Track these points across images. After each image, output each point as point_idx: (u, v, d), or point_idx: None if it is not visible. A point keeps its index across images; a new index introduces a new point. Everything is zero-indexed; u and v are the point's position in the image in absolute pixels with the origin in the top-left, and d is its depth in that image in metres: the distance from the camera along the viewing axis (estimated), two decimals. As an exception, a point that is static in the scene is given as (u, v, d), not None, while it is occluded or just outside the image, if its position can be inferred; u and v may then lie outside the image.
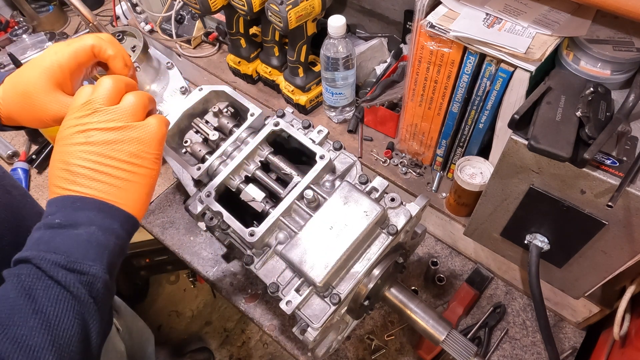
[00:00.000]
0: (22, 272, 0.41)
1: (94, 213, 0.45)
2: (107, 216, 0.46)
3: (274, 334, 0.88)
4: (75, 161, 0.45)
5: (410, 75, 0.80)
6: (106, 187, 0.46)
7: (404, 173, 0.96)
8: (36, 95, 0.50)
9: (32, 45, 1.40)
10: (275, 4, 0.86)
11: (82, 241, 0.43)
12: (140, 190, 0.48)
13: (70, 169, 0.45)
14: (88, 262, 0.43)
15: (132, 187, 0.48)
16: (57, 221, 0.43)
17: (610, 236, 0.60)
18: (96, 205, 0.45)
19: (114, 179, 0.47)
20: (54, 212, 0.44)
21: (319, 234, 0.60)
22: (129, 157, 0.47)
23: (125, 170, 0.47)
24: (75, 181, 0.45)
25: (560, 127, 0.55)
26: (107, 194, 0.46)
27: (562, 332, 0.86)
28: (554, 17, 0.67)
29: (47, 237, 0.43)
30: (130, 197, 0.48)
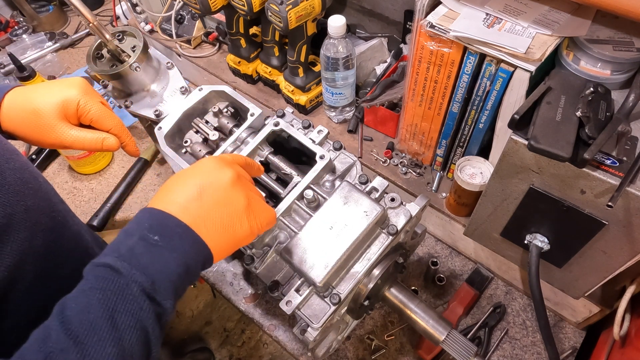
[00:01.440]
0: (108, 286, 0.41)
1: (190, 246, 0.46)
2: (197, 252, 0.46)
3: (274, 334, 0.88)
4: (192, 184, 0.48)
5: (410, 75, 0.80)
6: (206, 219, 0.48)
7: (404, 173, 0.96)
8: (47, 118, 0.55)
9: (32, 45, 1.40)
10: (275, 4, 0.86)
11: (169, 271, 0.44)
12: (230, 244, 0.50)
13: (200, 197, 0.48)
14: (167, 294, 0.43)
15: (228, 238, 0.49)
16: (156, 238, 0.44)
17: (610, 236, 0.60)
18: (192, 238, 0.46)
19: (220, 222, 0.48)
20: (152, 225, 0.45)
21: (319, 234, 0.60)
22: (247, 214, 0.50)
23: (235, 222, 0.49)
24: (185, 205, 0.47)
25: (560, 127, 0.55)
26: (208, 233, 0.47)
27: (562, 332, 0.86)
28: (554, 17, 0.67)
29: (140, 250, 0.43)
30: (221, 245, 0.49)
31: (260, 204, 0.53)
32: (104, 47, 0.76)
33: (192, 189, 0.48)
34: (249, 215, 0.51)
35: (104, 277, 0.41)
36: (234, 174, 0.51)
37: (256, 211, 0.52)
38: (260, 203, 0.53)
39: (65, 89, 0.58)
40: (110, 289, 0.40)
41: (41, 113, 0.55)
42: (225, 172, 0.50)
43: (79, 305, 0.40)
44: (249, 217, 0.51)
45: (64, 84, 0.59)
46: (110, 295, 0.40)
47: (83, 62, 1.42)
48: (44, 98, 0.56)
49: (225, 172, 0.50)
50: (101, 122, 0.61)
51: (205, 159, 0.53)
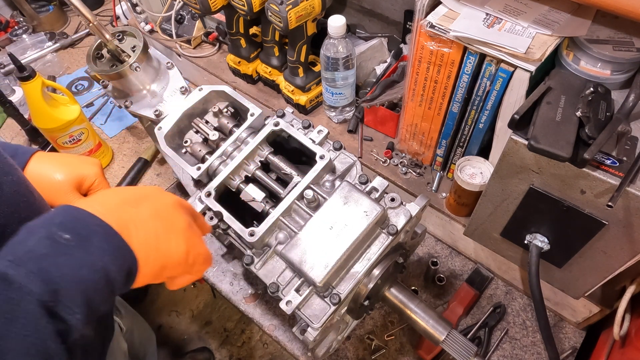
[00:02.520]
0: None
1: (111, 250, 0.39)
2: (119, 257, 0.40)
3: (274, 334, 0.88)
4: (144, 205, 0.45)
5: (410, 75, 0.80)
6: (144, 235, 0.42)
7: (404, 173, 0.96)
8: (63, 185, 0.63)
9: (32, 45, 1.40)
10: (275, 4, 0.86)
11: (80, 277, 0.36)
12: (160, 262, 0.44)
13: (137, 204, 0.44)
14: (74, 306, 0.36)
15: (160, 254, 0.44)
16: (66, 237, 0.37)
17: (610, 236, 0.60)
18: (116, 241, 0.40)
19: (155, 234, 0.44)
20: (64, 222, 0.38)
21: (319, 234, 0.60)
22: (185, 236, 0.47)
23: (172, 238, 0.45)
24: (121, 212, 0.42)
25: (560, 127, 0.55)
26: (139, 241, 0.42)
27: (562, 332, 0.86)
28: (554, 17, 0.67)
29: (42, 251, 0.36)
30: (150, 260, 0.43)
31: (199, 235, 0.51)
32: (104, 47, 0.76)
33: (130, 195, 0.45)
34: (187, 239, 0.47)
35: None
36: (176, 199, 0.50)
37: (195, 239, 0.49)
38: (200, 235, 0.51)
39: (86, 166, 0.67)
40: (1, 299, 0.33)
41: (60, 180, 0.63)
42: (168, 195, 0.50)
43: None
44: (186, 240, 0.47)
45: (85, 162, 0.68)
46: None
47: (83, 62, 1.42)
48: (66, 168, 0.64)
49: (168, 195, 0.50)
50: None
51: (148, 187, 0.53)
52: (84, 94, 1.32)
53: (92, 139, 1.07)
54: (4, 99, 1.12)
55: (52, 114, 0.98)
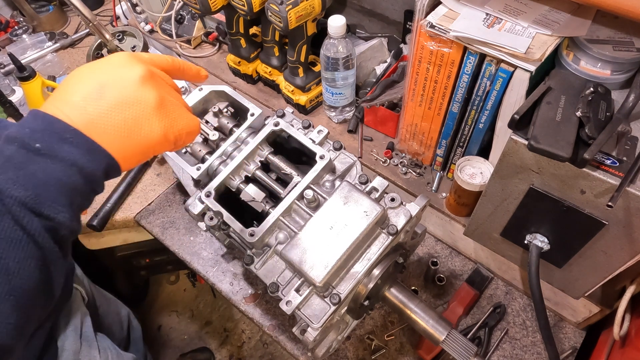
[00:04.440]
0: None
1: (81, 153, 0.40)
2: (93, 160, 0.41)
3: (274, 334, 0.88)
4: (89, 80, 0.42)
5: (410, 75, 0.80)
6: (113, 130, 0.42)
7: (404, 173, 0.96)
8: None
9: (32, 45, 1.40)
10: (275, 4, 0.86)
11: (56, 180, 0.39)
12: (139, 149, 0.44)
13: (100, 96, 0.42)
14: (57, 206, 0.38)
15: (134, 142, 0.43)
16: (37, 145, 0.38)
17: (610, 236, 0.60)
18: (87, 145, 0.40)
19: (124, 125, 0.42)
20: (35, 129, 0.39)
21: (319, 234, 0.60)
22: (157, 115, 0.44)
23: (142, 124, 0.43)
24: (82, 105, 0.41)
25: (560, 127, 0.55)
26: (109, 138, 0.42)
27: (562, 332, 0.86)
28: (554, 17, 0.67)
29: (19, 160, 0.38)
30: (127, 151, 0.43)
31: (177, 107, 0.47)
32: (104, 47, 0.76)
33: (92, 86, 0.42)
34: (162, 118, 0.45)
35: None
36: (145, 71, 0.44)
37: (172, 115, 0.46)
38: (178, 106, 0.47)
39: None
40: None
41: None
42: (135, 69, 0.44)
43: None
44: (160, 120, 0.45)
45: None
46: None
47: (83, 62, 1.42)
48: None
49: (135, 68, 0.44)
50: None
51: (115, 54, 0.46)
52: (84, 94, 1.31)
53: (92, 139, 1.07)
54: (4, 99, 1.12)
55: (52, 114, 0.98)
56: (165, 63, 0.50)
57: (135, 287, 1.80)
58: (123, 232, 1.12)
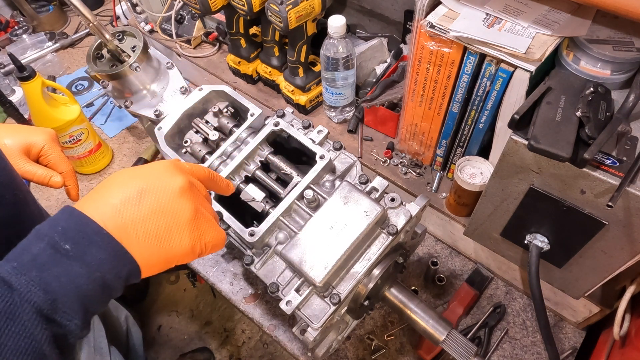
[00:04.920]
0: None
1: (108, 259, 0.40)
2: (117, 266, 0.41)
3: (274, 334, 0.88)
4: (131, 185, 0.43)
5: (410, 75, 0.80)
6: (144, 237, 0.42)
7: (404, 173, 0.96)
8: (10, 150, 0.64)
9: (32, 45, 1.40)
10: (275, 4, 0.86)
11: (77, 287, 0.38)
12: (164, 259, 0.44)
13: (139, 201, 0.42)
14: (72, 313, 0.38)
15: (161, 252, 0.44)
16: (67, 247, 0.38)
17: (610, 236, 0.60)
18: (115, 250, 0.40)
19: (156, 234, 0.43)
20: (67, 228, 0.39)
21: (319, 234, 0.60)
22: (189, 228, 0.45)
23: (174, 235, 0.44)
24: (122, 215, 0.41)
25: (560, 127, 0.55)
26: (139, 244, 0.42)
27: (562, 332, 0.86)
28: (554, 17, 0.67)
29: (45, 260, 0.37)
30: (152, 259, 0.43)
31: (209, 221, 0.48)
32: (104, 47, 0.76)
33: (131, 191, 0.42)
34: (193, 231, 0.45)
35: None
36: (185, 182, 0.45)
37: (202, 227, 0.46)
38: (210, 220, 0.48)
39: (35, 134, 0.68)
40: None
41: (8, 145, 0.65)
42: (176, 179, 0.45)
43: None
44: (191, 233, 0.45)
45: (35, 130, 0.69)
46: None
47: (83, 62, 1.42)
48: (15, 135, 0.66)
49: (176, 178, 0.45)
50: (57, 166, 0.69)
51: (157, 162, 0.48)
52: (84, 94, 1.32)
53: (92, 139, 1.07)
54: (4, 99, 1.12)
55: (52, 114, 0.98)
56: (203, 174, 0.51)
57: (135, 287, 1.80)
58: (123, 232, 1.12)
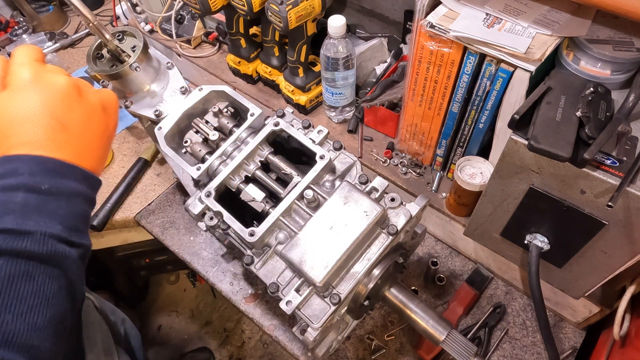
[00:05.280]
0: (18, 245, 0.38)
1: (78, 183, 0.45)
2: (89, 185, 0.46)
3: (274, 334, 0.88)
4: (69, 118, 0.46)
5: (410, 75, 0.80)
6: (89, 153, 0.47)
7: (404, 173, 0.96)
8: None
9: (32, 45, 1.40)
10: (275, 4, 0.86)
11: (74, 213, 0.43)
12: (106, 154, 0.51)
13: (67, 127, 0.45)
14: (82, 233, 0.43)
15: (105, 153, 0.50)
16: (46, 187, 0.41)
17: (610, 236, 0.60)
18: (82, 174, 0.45)
19: (94, 145, 0.48)
20: (35, 172, 0.41)
21: (319, 234, 0.60)
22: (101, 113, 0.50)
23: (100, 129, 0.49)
24: (68, 144, 0.45)
25: (560, 127, 0.55)
26: (89, 161, 0.47)
27: (562, 332, 0.86)
28: (554, 17, 0.67)
29: (36, 202, 0.41)
30: (101, 165, 0.50)
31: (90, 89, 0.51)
32: (104, 47, 0.76)
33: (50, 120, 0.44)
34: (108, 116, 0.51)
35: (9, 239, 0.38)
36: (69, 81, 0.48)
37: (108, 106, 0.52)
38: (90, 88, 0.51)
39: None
40: (19, 250, 0.38)
41: None
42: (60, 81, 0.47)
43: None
44: (107, 118, 0.51)
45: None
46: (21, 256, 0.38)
47: (83, 62, 1.42)
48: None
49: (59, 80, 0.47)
50: None
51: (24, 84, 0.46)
52: (84, 94, 1.31)
53: (92, 139, 1.07)
54: (4, 99, 1.12)
55: (52, 114, 0.98)
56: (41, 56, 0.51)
57: (135, 287, 1.80)
58: (123, 232, 1.12)
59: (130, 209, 1.06)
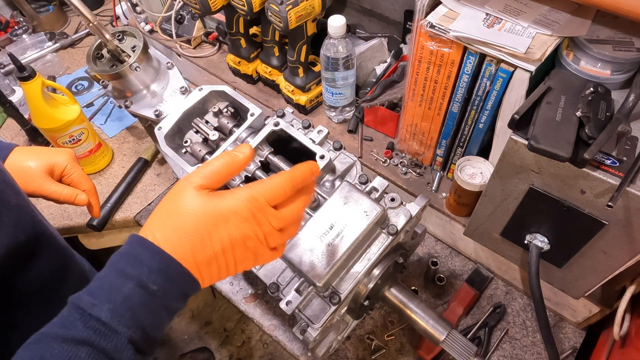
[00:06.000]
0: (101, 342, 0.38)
1: (180, 295, 0.43)
2: (186, 299, 0.44)
3: (274, 334, 0.88)
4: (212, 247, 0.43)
5: (410, 75, 0.80)
6: (215, 273, 0.44)
7: (404, 173, 0.96)
8: (35, 171, 0.67)
9: (32, 45, 1.40)
10: (275, 4, 0.86)
11: (161, 322, 0.42)
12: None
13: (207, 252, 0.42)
14: (156, 343, 0.42)
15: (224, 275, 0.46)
16: (155, 288, 0.41)
17: (610, 236, 0.60)
18: (190, 288, 0.43)
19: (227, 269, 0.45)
20: (154, 269, 0.41)
21: (319, 234, 0.60)
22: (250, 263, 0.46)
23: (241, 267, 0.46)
24: (206, 263, 0.43)
25: (560, 127, 0.55)
26: (209, 279, 0.44)
27: (562, 332, 0.86)
28: (554, 17, 0.67)
29: (136, 301, 0.40)
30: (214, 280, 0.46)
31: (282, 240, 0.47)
32: (104, 47, 0.76)
33: (205, 227, 0.42)
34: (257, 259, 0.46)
35: (97, 331, 0.38)
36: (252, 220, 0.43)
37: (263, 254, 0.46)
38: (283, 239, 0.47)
39: (57, 154, 0.71)
40: (103, 347, 0.38)
41: (32, 167, 0.68)
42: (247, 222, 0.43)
43: (64, 355, 0.37)
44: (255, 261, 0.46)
45: (57, 151, 0.72)
46: (101, 353, 0.38)
47: (83, 62, 1.42)
48: (38, 157, 0.69)
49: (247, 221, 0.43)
50: (79, 184, 0.72)
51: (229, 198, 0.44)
52: (84, 94, 1.32)
53: (92, 139, 1.07)
54: (4, 99, 1.12)
55: (52, 114, 0.98)
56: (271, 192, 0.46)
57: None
58: (123, 232, 1.12)
59: (130, 209, 1.06)
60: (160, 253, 0.41)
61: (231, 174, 0.45)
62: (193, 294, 0.44)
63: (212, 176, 0.44)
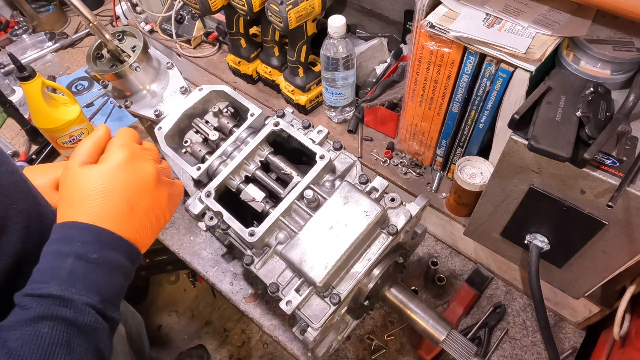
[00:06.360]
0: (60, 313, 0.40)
1: (124, 257, 0.47)
2: (133, 261, 0.49)
3: (274, 334, 0.88)
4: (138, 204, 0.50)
5: (410, 75, 0.80)
6: (142, 233, 0.50)
7: (404, 173, 0.96)
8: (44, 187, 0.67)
9: (32, 45, 1.40)
10: (275, 4, 0.86)
11: (113, 286, 0.45)
12: (155, 236, 0.54)
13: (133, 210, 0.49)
14: (116, 308, 0.45)
15: (155, 233, 0.53)
16: (94, 256, 0.44)
17: (610, 236, 0.60)
18: (128, 249, 0.48)
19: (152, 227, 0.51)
20: (88, 241, 0.45)
21: (319, 234, 0.60)
22: (168, 207, 0.55)
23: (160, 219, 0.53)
24: (127, 223, 0.48)
25: (560, 127, 0.55)
26: (140, 240, 0.50)
27: (562, 332, 0.86)
28: (554, 17, 0.67)
29: (81, 271, 0.43)
30: (148, 244, 0.52)
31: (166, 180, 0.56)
32: (104, 47, 0.76)
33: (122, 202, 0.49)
34: (172, 206, 0.56)
35: (52, 304, 0.40)
36: (154, 178, 0.53)
37: (173, 198, 0.57)
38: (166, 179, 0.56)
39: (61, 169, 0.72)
40: (62, 315, 0.40)
41: (40, 184, 0.68)
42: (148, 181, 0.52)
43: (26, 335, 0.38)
44: (170, 208, 0.55)
45: (61, 165, 0.72)
46: (63, 322, 0.40)
47: (83, 62, 1.42)
48: (44, 174, 0.70)
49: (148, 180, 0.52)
50: None
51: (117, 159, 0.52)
52: (84, 94, 1.32)
53: (92, 139, 1.07)
54: (4, 99, 1.12)
55: (52, 114, 0.98)
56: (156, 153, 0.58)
57: (135, 287, 1.80)
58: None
59: (130, 209, 1.06)
60: (88, 227, 0.46)
61: (99, 147, 0.53)
62: (138, 251, 0.50)
63: (86, 154, 0.52)
